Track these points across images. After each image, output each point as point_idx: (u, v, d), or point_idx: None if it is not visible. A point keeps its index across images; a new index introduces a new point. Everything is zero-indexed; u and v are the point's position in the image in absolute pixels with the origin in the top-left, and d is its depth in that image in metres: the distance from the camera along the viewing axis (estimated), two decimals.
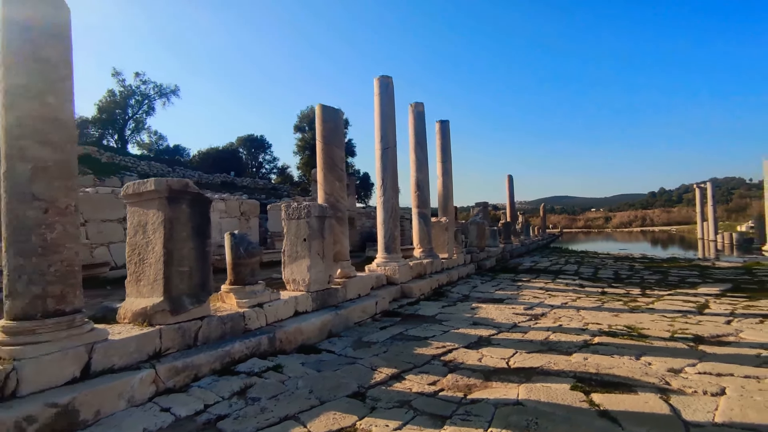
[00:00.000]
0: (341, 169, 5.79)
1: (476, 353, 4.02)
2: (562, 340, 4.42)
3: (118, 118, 27.35)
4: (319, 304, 4.97)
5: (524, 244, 20.84)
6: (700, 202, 29.94)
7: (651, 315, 5.77)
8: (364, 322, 5.43)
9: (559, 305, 6.61)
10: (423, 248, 9.03)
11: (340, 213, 5.75)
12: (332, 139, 5.73)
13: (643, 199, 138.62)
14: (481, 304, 6.74)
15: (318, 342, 4.46)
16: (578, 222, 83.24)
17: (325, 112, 5.76)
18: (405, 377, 3.40)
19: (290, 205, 5.09)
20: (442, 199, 10.66)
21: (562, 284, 8.96)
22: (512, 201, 21.32)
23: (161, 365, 2.97)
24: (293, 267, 5.01)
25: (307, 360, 3.82)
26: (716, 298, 7.01)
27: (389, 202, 7.39)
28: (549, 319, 5.65)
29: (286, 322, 4.33)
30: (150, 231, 3.42)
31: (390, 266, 7.23)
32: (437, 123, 10.79)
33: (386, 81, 7.45)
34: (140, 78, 28.11)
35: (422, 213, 9.06)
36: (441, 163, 10.70)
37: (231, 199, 10.48)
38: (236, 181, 23.30)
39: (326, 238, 5.15)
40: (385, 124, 7.43)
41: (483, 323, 5.35)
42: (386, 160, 7.40)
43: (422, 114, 9.18)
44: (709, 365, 3.50)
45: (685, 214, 74.76)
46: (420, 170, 9.12)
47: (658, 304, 6.64)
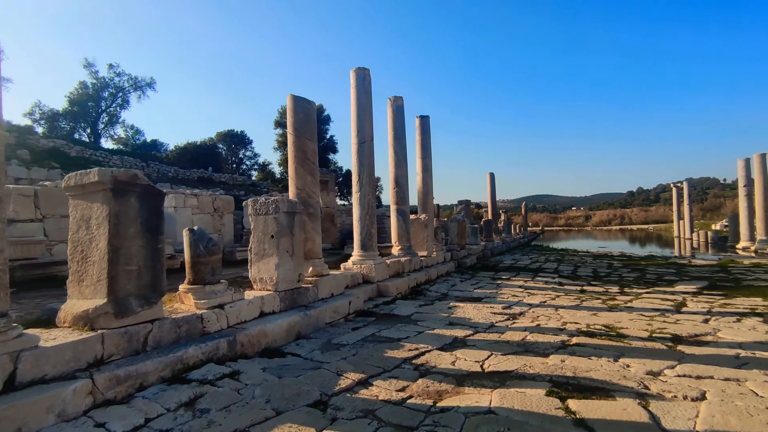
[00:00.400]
0: (313, 163, 5.53)
1: (450, 356, 3.83)
2: (540, 341, 4.27)
3: (91, 111, 26.42)
4: (287, 304, 4.72)
5: (505, 242, 20.85)
6: (676, 201, 30.48)
7: (629, 314, 5.68)
8: (336, 322, 5.20)
9: (537, 304, 6.49)
10: (401, 246, 8.83)
11: (312, 209, 5.49)
12: (304, 131, 5.47)
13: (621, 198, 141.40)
14: (459, 303, 6.58)
15: (284, 344, 4.21)
16: (559, 220, 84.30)
17: (296, 102, 5.49)
18: (372, 383, 3.18)
19: (257, 200, 4.82)
20: (422, 195, 10.48)
21: (541, 282, 8.87)
22: (494, 199, 21.29)
23: (100, 374, 2.69)
24: (260, 265, 4.74)
25: (269, 365, 3.56)
26: (693, 296, 6.98)
27: (366, 198, 7.16)
28: (527, 318, 5.51)
29: (250, 324, 4.07)
30: (94, 226, 3.12)
31: (366, 264, 7.00)
32: (417, 118, 10.59)
33: (363, 73, 7.20)
34: (114, 70, 27.27)
35: (401, 210, 8.86)
36: (421, 159, 10.51)
37: (203, 194, 10.10)
38: (214, 176, 22.73)
39: (296, 235, 4.89)
40: (361, 118, 7.19)
41: (459, 323, 5.17)
42: (363, 155, 7.17)
43: (401, 108, 8.97)
44: (689, 367, 3.37)
45: (662, 212, 76.39)
46: (399, 166, 8.91)
47: (636, 302, 6.57)
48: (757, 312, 5.62)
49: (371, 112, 7.32)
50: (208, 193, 10.22)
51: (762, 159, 16.37)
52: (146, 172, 19.41)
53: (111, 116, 27.65)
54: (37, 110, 24.88)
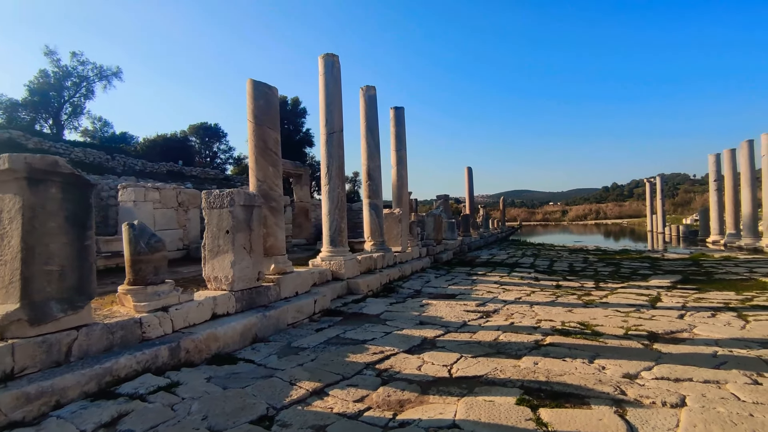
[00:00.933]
0: (275, 153, 5.16)
1: (417, 359, 3.56)
2: (513, 341, 4.04)
3: (53, 101, 25.01)
4: (244, 304, 4.37)
5: (483, 237, 20.80)
6: (649, 196, 31.08)
7: (605, 310, 5.52)
8: (299, 323, 4.87)
9: (512, 300, 6.29)
10: (374, 241, 8.53)
11: (274, 202, 5.13)
12: (264, 119, 5.09)
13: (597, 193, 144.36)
14: (432, 300, 6.33)
15: (239, 349, 3.87)
16: (537, 215, 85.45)
17: (256, 88, 5.11)
18: (329, 393, 2.88)
19: (211, 193, 4.44)
20: (397, 189, 10.20)
21: (517, 278, 8.71)
22: (471, 193, 21.20)
23: (6, 392, 2.31)
24: (214, 263, 4.37)
25: (216, 373, 3.22)
26: (668, 291, 6.91)
27: (335, 191, 6.82)
28: (501, 316, 5.29)
29: (199, 327, 3.71)
30: (5, 221, 2.72)
31: (335, 261, 6.68)
32: (391, 109, 10.27)
33: (331, 59, 6.84)
34: (77, 58, 25.77)
35: (374, 204, 8.55)
36: (395, 151, 10.21)
37: (166, 188, 9.57)
38: (185, 170, 21.93)
39: (255, 230, 4.54)
40: (330, 107, 6.83)
41: (430, 322, 4.92)
42: (332, 146, 6.82)
43: (374, 98, 8.64)
44: (666, 368, 3.18)
45: (636, 207, 78.19)
46: (371, 158, 8.59)
47: (611, 297, 6.45)
48: (730, 307, 5.54)
49: (341, 101, 6.97)
50: (171, 186, 9.70)
51: (732, 154, 16.67)
52: (111, 165, 18.55)
53: (75, 107, 26.31)
54: None
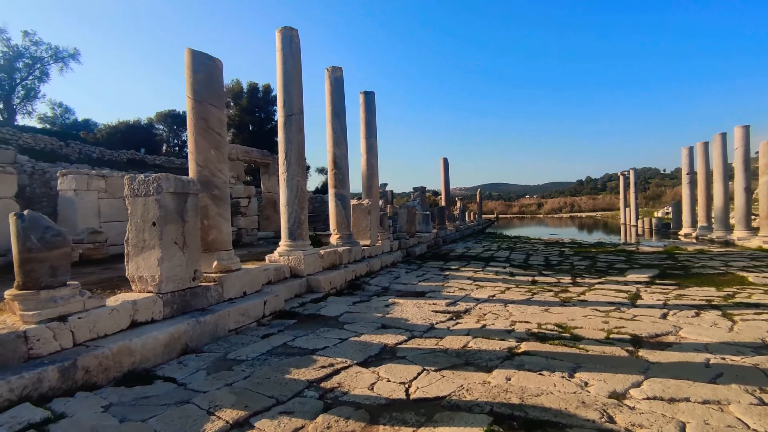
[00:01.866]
0: (218, 134, 4.52)
1: (371, 374, 3.02)
2: (483, 349, 3.55)
3: (4, 84, 23.25)
4: (175, 309, 3.74)
5: (459, 230, 20.47)
6: (623, 189, 31.41)
7: (583, 309, 5.12)
8: (244, 328, 4.28)
9: (485, 299, 5.84)
10: (341, 234, 7.96)
11: (217, 190, 4.49)
12: (205, 94, 4.43)
13: (571, 186, 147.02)
14: (399, 299, 5.81)
15: (162, 364, 3.26)
16: (513, 208, 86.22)
17: (196, 59, 4.44)
18: (254, 424, 2.32)
19: (135, 178, 3.78)
20: (367, 179, 9.62)
21: (491, 273, 8.29)
22: (447, 185, 20.80)
23: None
24: (139, 260, 3.73)
25: (121, 398, 2.62)
26: (646, 287, 6.58)
27: (294, 179, 6.21)
28: (472, 317, 4.81)
29: (111, 339, 3.08)
30: None
31: (294, 256, 6.09)
32: (361, 94, 9.66)
33: (290, 34, 6.18)
34: (30, 38, 23.92)
35: (340, 194, 7.97)
36: (365, 139, 9.62)
37: (113, 175, 8.73)
38: (147, 159, 20.78)
39: (189, 222, 3.90)
40: (288, 87, 6.19)
41: (393, 326, 4.40)
42: (290, 130, 6.19)
43: (341, 80, 8.01)
44: (658, 384, 2.73)
45: (609, 200, 79.73)
46: (338, 145, 7.98)
47: (589, 294, 6.07)
48: (714, 305, 5.21)
49: (300, 80, 6.33)
50: (120, 174, 8.87)
51: (705, 147, 16.72)
52: (65, 152, 17.35)
53: (28, 90, 24.52)
54: None
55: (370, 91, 9.69)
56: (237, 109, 28.82)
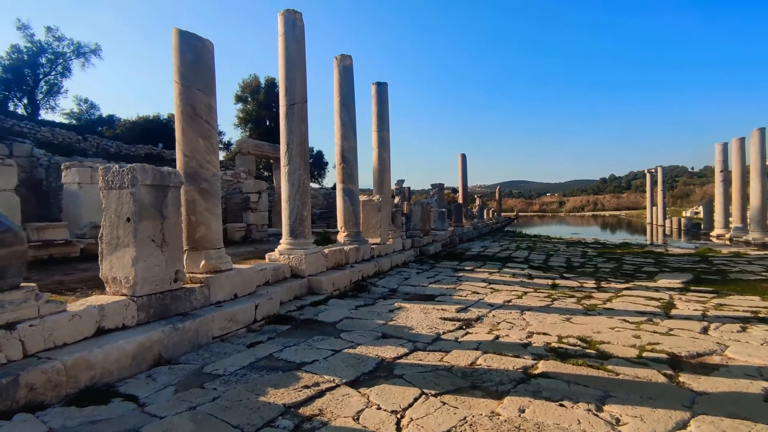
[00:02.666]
0: (207, 122, 4.15)
1: (360, 398, 2.60)
2: (494, 368, 3.08)
3: (28, 79, 23.65)
4: (152, 314, 3.39)
5: (477, 228, 19.87)
6: (650, 187, 30.14)
7: (610, 319, 4.58)
8: (231, 335, 3.90)
9: (500, 304, 5.35)
10: (348, 232, 7.55)
11: (205, 183, 4.13)
12: (193, 78, 4.06)
13: (594, 184, 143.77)
14: (406, 303, 5.37)
15: (129, 377, 2.90)
16: (534, 206, 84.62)
17: (183, 40, 4.07)
18: None
19: (109, 169, 3.43)
20: (378, 174, 9.18)
21: (508, 275, 7.76)
22: (465, 181, 20.19)
23: None
24: (113, 260, 3.38)
25: (66, 422, 2.26)
26: (681, 294, 5.98)
27: (296, 172, 5.81)
28: (484, 326, 4.34)
29: (69, 349, 2.73)
30: None
31: (295, 254, 5.70)
32: (373, 85, 9.21)
33: (293, 17, 5.77)
34: (53, 33, 24.31)
35: (348, 189, 7.55)
36: (377, 132, 9.18)
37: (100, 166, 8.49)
38: (164, 153, 20.79)
39: (169, 218, 3.54)
40: (291, 74, 5.79)
41: (395, 335, 3.96)
42: (292, 120, 5.79)
43: (350, 69, 7.58)
44: (709, 425, 2.22)
45: (634, 199, 77.48)
46: (346, 138, 7.56)
47: (616, 301, 5.51)
48: (761, 317, 4.61)
49: (304, 67, 5.92)
50: (109, 164, 8.60)
51: (740, 144, 15.70)
52: (82, 146, 17.43)
53: (51, 85, 24.95)
54: None
55: (383, 82, 9.23)
56: (254, 104, 28.72)
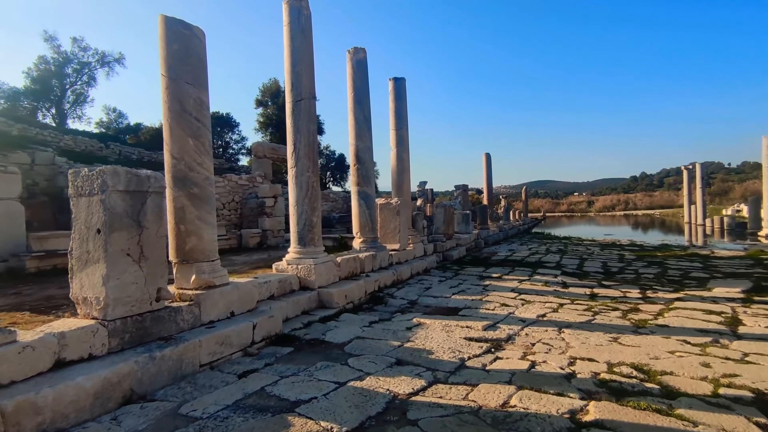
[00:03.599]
0: (198, 119, 3.69)
1: None
2: (532, 412, 2.48)
3: (55, 89, 24.23)
4: (128, 339, 2.93)
5: (503, 230, 19.05)
6: (687, 184, 28.52)
7: (666, 339, 3.89)
8: (224, 360, 3.41)
9: (533, 319, 4.70)
10: (364, 238, 7.02)
11: (196, 188, 3.67)
12: (181, 70, 3.62)
13: (625, 183, 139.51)
14: (426, 318, 4.79)
15: (91, 420, 2.44)
16: (561, 206, 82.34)
17: (170, 28, 3.63)
18: None
19: (79, 173, 2.99)
20: (396, 175, 8.63)
21: (540, 283, 7.06)
22: (490, 182, 19.41)
23: None
24: (83, 277, 2.93)
25: None
26: (744, 306, 5.19)
27: (304, 174, 5.32)
28: (517, 348, 3.72)
29: (15, 389, 2.28)
30: None
31: (304, 264, 5.20)
32: (390, 81, 8.67)
33: (298, 5, 5.29)
34: (78, 44, 24.85)
35: (363, 192, 7.02)
36: (395, 130, 8.63)
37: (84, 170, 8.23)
38: None
39: (149, 228, 3.08)
40: (296, 67, 5.30)
41: (412, 361, 3.39)
42: (299, 118, 5.30)
43: (364, 63, 7.06)
44: None
45: (667, 197, 74.47)
46: (361, 137, 7.04)
47: (669, 316, 4.78)
48: None
49: (311, 59, 5.43)
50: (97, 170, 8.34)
51: None
52: (104, 153, 17.54)
53: (78, 95, 25.54)
54: None
55: (400, 77, 8.68)
56: (274, 108, 28.65)
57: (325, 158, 39.69)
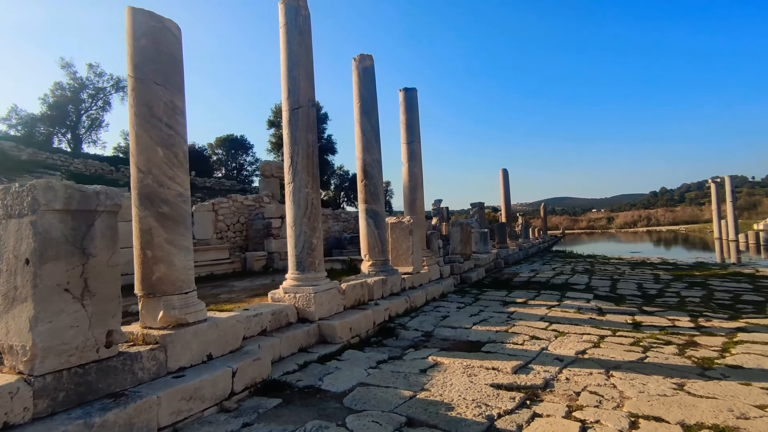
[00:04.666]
0: (169, 126, 3.13)
1: None
2: None
3: (71, 115, 24.50)
4: (64, 399, 2.30)
5: (522, 248, 18.16)
6: (716, 198, 27.19)
7: (747, 386, 3.10)
8: (192, 419, 2.75)
9: (572, 357, 3.94)
10: (373, 261, 6.36)
11: (166, 206, 3.08)
12: (149, 69, 3.08)
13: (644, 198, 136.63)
14: (444, 356, 4.06)
15: None
16: (580, 223, 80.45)
17: (137, 21, 3.11)
18: None
19: (9, 189, 2.42)
20: (409, 192, 8.00)
21: (572, 309, 6.26)
22: (508, 198, 18.63)
23: None
24: (9, 320, 2.34)
25: None
26: None
27: (302, 190, 4.72)
28: (558, 400, 2.98)
29: None
30: None
31: (302, 293, 4.55)
32: (401, 92, 8.13)
33: (296, 5, 4.78)
34: (94, 70, 25.25)
35: (372, 210, 6.39)
36: (406, 144, 8.03)
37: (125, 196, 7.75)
38: (197, 181, 20.65)
39: (97, 256, 2.48)
40: (293, 72, 4.77)
41: (426, 421, 2.68)
42: (296, 127, 4.74)
43: (371, 71, 6.53)
44: None
45: (691, 212, 72.27)
46: (368, 150, 6.45)
47: (737, 352, 3.97)
48: None
49: (310, 63, 4.90)
50: (126, 194, 7.84)
51: None
52: (114, 177, 17.38)
53: (93, 120, 25.80)
54: (13, 115, 23.25)
55: (411, 88, 8.13)
56: None
57: (339, 178, 39.41)
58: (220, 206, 10.25)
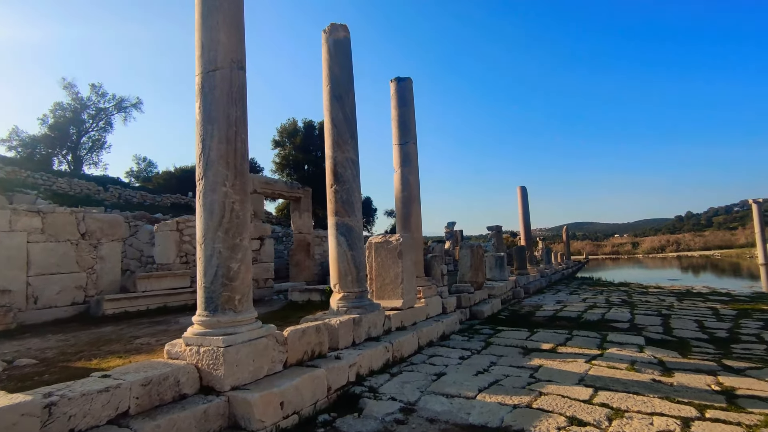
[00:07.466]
0: None
1: None
2: None
3: (72, 135, 23.87)
4: None
5: (545, 275, 16.20)
6: (759, 221, 24.72)
7: None
8: None
9: None
10: (345, 292, 4.72)
11: None
12: None
13: (669, 223, 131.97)
14: None
15: None
16: (604, 248, 77.10)
17: None
18: None
19: None
20: (402, 204, 6.38)
21: (623, 364, 4.45)
22: (527, 219, 16.79)
23: None
24: None
25: None
26: None
27: (215, 192, 3.17)
28: None
29: None
30: None
31: (208, 345, 2.94)
32: (392, 83, 6.63)
33: None
34: (97, 90, 24.77)
35: (343, 225, 4.79)
36: (399, 145, 6.48)
37: (57, 211, 6.39)
38: (192, 203, 19.58)
39: None
40: (209, 20, 3.30)
41: None
42: (211, 99, 3.24)
43: (343, 45, 5.05)
44: None
45: (722, 237, 68.58)
46: (339, 144, 4.90)
47: None
48: None
49: (238, 10, 3.43)
50: (65, 210, 6.50)
51: None
52: (102, 197, 16.27)
53: (94, 141, 25.14)
54: (14, 137, 22.72)
55: (404, 78, 6.64)
56: (291, 148, 27.42)
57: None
58: (186, 225, 8.80)
